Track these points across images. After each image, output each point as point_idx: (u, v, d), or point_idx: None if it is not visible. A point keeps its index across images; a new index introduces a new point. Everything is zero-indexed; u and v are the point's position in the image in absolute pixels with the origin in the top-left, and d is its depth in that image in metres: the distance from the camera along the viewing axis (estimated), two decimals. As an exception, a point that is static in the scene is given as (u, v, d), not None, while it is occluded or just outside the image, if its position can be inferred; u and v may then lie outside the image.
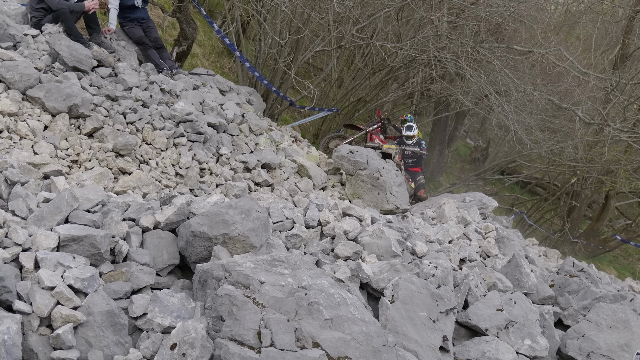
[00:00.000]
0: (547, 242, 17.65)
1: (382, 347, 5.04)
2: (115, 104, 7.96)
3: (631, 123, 14.62)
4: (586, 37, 19.01)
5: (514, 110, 12.59)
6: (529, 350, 6.59)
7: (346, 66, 15.34)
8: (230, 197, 7.72)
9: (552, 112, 15.17)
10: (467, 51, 12.32)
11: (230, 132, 9.15)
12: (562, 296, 8.10)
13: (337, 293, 5.19)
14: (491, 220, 10.10)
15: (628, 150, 16.12)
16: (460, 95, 13.27)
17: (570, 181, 18.44)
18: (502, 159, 18.66)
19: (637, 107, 15.26)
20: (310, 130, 15.13)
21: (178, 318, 4.70)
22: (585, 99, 13.89)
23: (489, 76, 12.73)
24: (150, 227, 5.61)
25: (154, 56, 9.52)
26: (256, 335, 4.57)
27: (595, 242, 18.54)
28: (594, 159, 15.73)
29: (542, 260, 11.81)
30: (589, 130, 14.98)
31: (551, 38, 13.93)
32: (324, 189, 9.45)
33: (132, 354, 4.38)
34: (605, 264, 18.61)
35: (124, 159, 7.35)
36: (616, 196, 18.90)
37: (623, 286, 11.39)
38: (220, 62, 15.15)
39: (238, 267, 4.97)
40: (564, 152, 15.82)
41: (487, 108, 14.32)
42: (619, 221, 20.70)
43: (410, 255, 6.89)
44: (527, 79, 13.30)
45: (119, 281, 4.99)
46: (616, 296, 8.12)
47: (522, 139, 13.21)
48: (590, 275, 8.74)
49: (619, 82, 13.88)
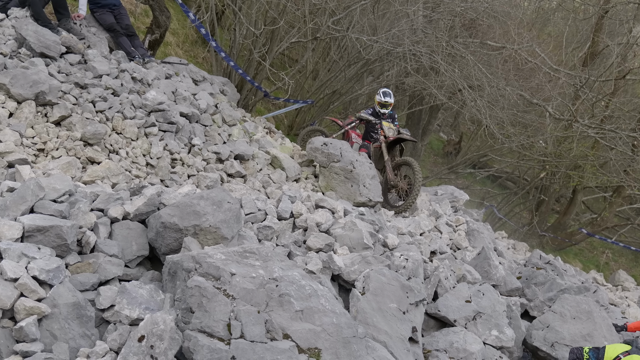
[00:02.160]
0: (515, 235, 17.89)
1: (352, 338, 5.04)
2: (84, 91, 7.82)
3: (599, 119, 14.86)
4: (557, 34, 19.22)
5: (487, 104, 12.71)
6: (496, 341, 6.68)
7: (321, 58, 15.31)
8: (202, 188, 7.65)
9: (523, 108, 15.34)
10: (442, 45, 12.39)
11: (203, 123, 9.06)
12: (529, 288, 8.25)
13: (308, 285, 5.18)
14: (462, 214, 10.20)
15: (595, 146, 16.39)
16: (434, 89, 13.34)
17: (539, 175, 18.69)
18: (474, 153, 18.85)
19: (605, 104, 15.50)
20: (284, 121, 15.08)
21: (147, 310, 4.64)
22: (556, 95, 14.09)
23: (462, 71, 12.82)
24: (119, 217, 5.53)
25: (125, 44, 9.38)
26: (226, 327, 4.54)
27: (562, 236, 18.86)
28: (563, 154, 15.98)
29: (511, 253, 11.97)
30: (559, 125, 15.19)
31: (524, 34, 14.09)
32: (297, 181, 9.42)
33: (99, 346, 4.31)
34: (571, 256, 18.92)
35: (93, 148, 7.23)
36: (583, 191, 19.24)
37: (587, 278, 11.64)
38: (194, 51, 15.00)
39: (209, 259, 4.92)
40: (534, 146, 16.02)
41: (460, 102, 14.44)
42: (585, 215, 21.08)
43: (382, 248, 6.92)
44: (499, 74, 13.43)
45: (86, 273, 4.91)
46: (580, 288, 8.30)
47: (494, 133, 13.35)
48: (556, 267, 8.90)
49: (588, 79, 14.07)
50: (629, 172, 15.51)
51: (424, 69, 13.45)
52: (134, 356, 4.19)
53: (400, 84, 15.84)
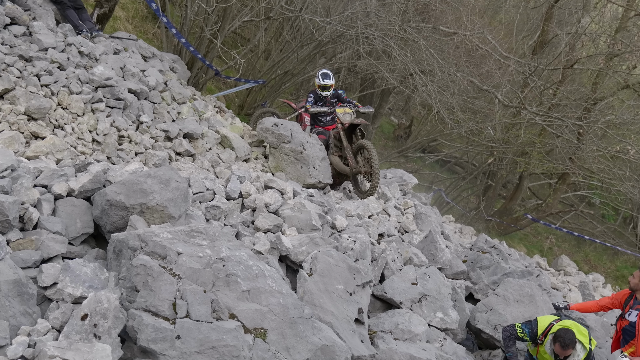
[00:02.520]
0: (462, 219, 18.22)
1: (299, 319, 5.08)
2: (29, 64, 7.60)
3: (546, 107, 15.19)
4: (508, 22, 19.52)
5: (437, 90, 12.84)
6: (440, 323, 6.82)
7: (274, 38, 15.20)
8: (150, 166, 7.55)
9: (473, 94, 15.56)
10: (395, 29, 12.43)
11: (151, 100, 8.92)
12: (474, 271, 8.42)
13: (255, 265, 5.19)
14: (410, 197, 10.32)
15: (542, 133, 16.79)
16: (386, 72, 13.40)
17: (487, 161, 19.05)
18: (424, 137, 19.09)
19: (553, 92, 15.85)
20: (235, 101, 14.95)
21: (90, 288, 4.57)
22: (505, 82, 14.33)
23: (414, 55, 12.90)
24: (63, 194, 5.42)
25: (72, 17, 9.12)
26: (171, 307, 4.52)
27: (508, 221, 19.30)
28: (510, 141, 16.30)
29: (457, 237, 12.20)
30: (507, 112, 15.47)
31: (476, 21, 14.24)
32: (247, 161, 9.37)
33: (40, 324, 4.23)
34: (516, 241, 19.38)
35: (37, 123, 7.04)
36: (529, 177, 19.71)
37: (531, 263, 11.96)
38: (143, 26, 14.70)
39: (155, 238, 4.88)
40: (483, 132, 16.30)
41: (411, 87, 14.55)
42: (530, 201, 21.62)
43: (330, 229, 6.96)
44: (451, 60, 13.57)
45: (28, 249, 4.81)
46: (524, 272, 8.51)
47: (444, 118, 13.51)
48: (501, 251, 9.12)
49: (537, 67, 14.36)
50: (574, 159, 15.93)
51: (377, 52, 13.49)
52: (76, 334, 4.14)
53: (353, 66, 15.87)
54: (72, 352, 3.89)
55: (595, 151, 15.04)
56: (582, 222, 21.19)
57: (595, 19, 17.70)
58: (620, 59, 16.59)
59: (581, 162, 15.98)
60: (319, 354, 5.05)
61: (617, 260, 19.69)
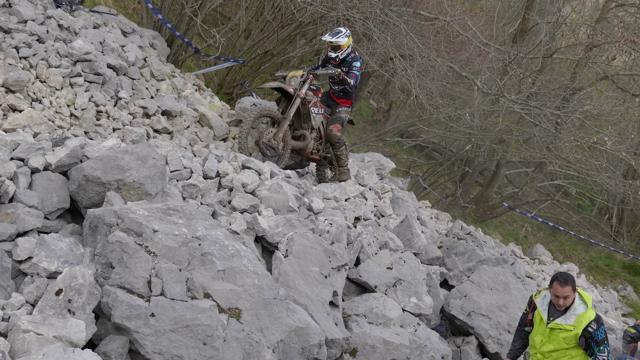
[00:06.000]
0: (439, 205, 18.32)
1: (273, 300, 5.12)
2: (7, 36, 7.50)
3: (525, 96, 15.29)
4: (489, 9, 19.52)
5: (417, 74, 12.86)
6: (415, 308, 6.89)
7: (255, 17, 15.07)
8: (127, 142, 7.50)
9: (452, 80, 15.59)
10: (376, 12, 12.40)
11: (130, 76, 8.84)
12: (449, 257, 8.48)
13: (231, 245, 5.21)
14: (388, 181, 10.36)
15: (520, 121, 16.91)
16: (366, 56, 13.38)
17: (464, 148, 19.14)
18: (402, 122, 19.10)
19: (532, 80, 15.95)
20: (214, 79, 14.84)
21: (65, 263, 4.57)
22: (485, 69, 14.38)
23: (395, 39, 12.89)
24: (40, 168, 5.38)
25: (52, -11, 8.99)
26: (146, 284, 4.53)
27: (484, 208, 19.47)
28: (489, 128, 16.38)
29: (433, 223, 12.28)
30: (486, 99, 15.53)
31: (457, 7, 14.25)
32: (225, 140, 9.34)
33: (14, 298, 4.23)
34: (491, 229, 19.54)
35: (15, 96, 6.96)
36: (506, 165, 19.86)
37: (506, 250, 12.08)
38: (124, 1, 14.50)
39: (131, 214, 4.87)
40: (461, 119, 16.37)
41: (391, 71, 14.53)
42: (507, 189, 21.80)
43: (307, 211, 6.98)
44: (431, 45, 13.57)
45: (3, 223, 4.79)
46: (499, 259, 8.58)
47: (423, 103, 13.54)
48: (477, 238, 9.19)
49: (517, 55, 14.43)
50: (552, 149, 16.06)
51: (357, 35, 13.45)
52: (50, 309, 4.14)
53: (333, 49, 15.77)
54: (46, 327, 3.90)
55: (572, 141, 15.16)
56: (558, 212, 21.41)
57: (576, 9, 17.80)
58: (600, 50, 16.71)
59: (558, 152, 16.11)
60: (293, 336, 5.10)
61: (592, 251, 19.94)
